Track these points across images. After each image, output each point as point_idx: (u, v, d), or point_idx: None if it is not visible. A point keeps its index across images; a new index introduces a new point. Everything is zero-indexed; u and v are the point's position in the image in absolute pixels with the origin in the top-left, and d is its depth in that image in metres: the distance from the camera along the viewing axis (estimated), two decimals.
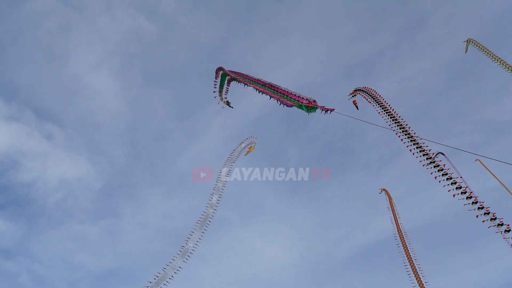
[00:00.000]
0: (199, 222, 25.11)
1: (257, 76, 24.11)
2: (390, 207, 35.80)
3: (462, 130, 72.55)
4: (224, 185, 26.03)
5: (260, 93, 22.39)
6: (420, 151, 22.01)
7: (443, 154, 40.07)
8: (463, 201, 19.68)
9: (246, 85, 23.95)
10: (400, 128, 23.63)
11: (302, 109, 20.21)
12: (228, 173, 26.50)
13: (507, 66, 30.11)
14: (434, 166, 21.29)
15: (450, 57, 76.92)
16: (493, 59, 31.50)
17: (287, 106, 20.48)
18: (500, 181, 32.26)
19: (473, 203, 19.24)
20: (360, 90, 30.01)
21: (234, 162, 26.63)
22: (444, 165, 21.40)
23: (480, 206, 19.00)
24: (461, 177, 33.36)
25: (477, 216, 18.74)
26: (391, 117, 24.76)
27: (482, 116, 73.55)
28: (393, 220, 34.27)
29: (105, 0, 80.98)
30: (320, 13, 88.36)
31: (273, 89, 21.91)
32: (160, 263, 24.12)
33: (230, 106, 27.78)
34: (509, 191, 30.67)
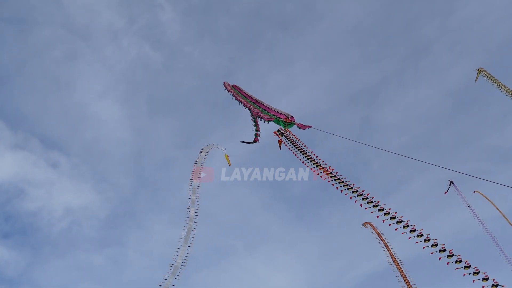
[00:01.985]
0: (182, 237, 26.05)
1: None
2: (378, 238, 34.06)
3: (467, 157, 72.47)
4: (198, 197, 27.26)
5: (244, 107, 23.24)
6: (363, 198, 19.97)
7: (453, 183, 40.00)
8: (430, 248, 17.61)
9: (235, 99, 24.81)
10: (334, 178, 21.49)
11: (280, 124, 21.41)
12: (198, 184, 27.77)
13: None
14: (385, 214, 19.06)
15: (454, 84, 78.72)
16: (502, 89, 31.57)
17: (265, 120, 21.49)
18: (500, 210, 33.98)
19: (440, 250, 17.46)
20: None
21: (197, 188, 27.97)
22: (395, 213, 19.03)
23: (450, 254, 17.21)
24: (468, 206, 34.31)
25: (447, 263, 17.14)
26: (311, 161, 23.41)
27: (487, 143, 73.87)
28: (385, 249, 32.66)
29: (111, 29, 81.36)
30: (324, 42, 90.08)
31: (257, 105, 22.86)
32: None
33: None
34: (508, 220, 32.54)
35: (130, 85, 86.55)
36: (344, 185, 20.89)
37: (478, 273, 16.13)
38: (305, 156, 23.50)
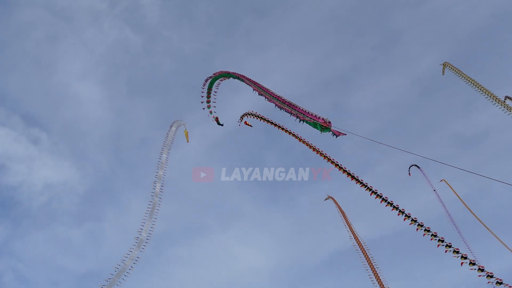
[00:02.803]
0: (147, 212, 26.61)
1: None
2: (340, 213, 35.53)
3: (433, 143, 76.05)
4: (165, 173, 27.62)
5: (280, 109, 22.81)
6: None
7: (417, 166, 41.29)
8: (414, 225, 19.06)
9: (266, 99, 24.11)
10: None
11: (317, 127, 20.86)
12: (167, 159, 28.07)
13: (479, 87, 31.50)
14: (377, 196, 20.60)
15: (422, 73, 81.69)
16: (466, 80, 32.93)
17: (302, 120, 21.19)
18: (461, 199, 36.53)
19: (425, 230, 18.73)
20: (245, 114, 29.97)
21: (170, 148, 28.21)
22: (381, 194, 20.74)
23: (427, 229, 18.82)
24: (434, 190, 35.48)
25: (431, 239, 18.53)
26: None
27: (452, 130, 77.88)
28: (346, 225, 33.79)
29: (92, 11, 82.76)
30: (299, 29, 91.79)
31: (292, 107, 22.23)
32: (139, 265, 25.57)
33: (219, 124, 28.34)
34: (468, 208, 35.17)
35: (110, 67, 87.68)
36: (321, 155, 23.23)
37: (458, 252, 17.84)
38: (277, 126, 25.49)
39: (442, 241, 18.22)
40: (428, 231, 18.07)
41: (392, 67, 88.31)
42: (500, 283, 16.46)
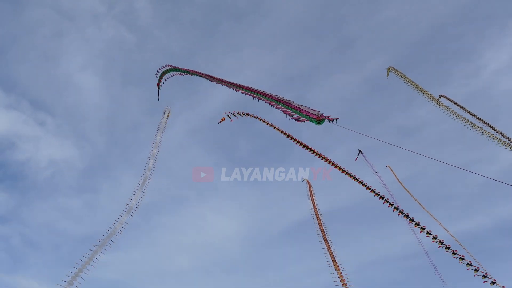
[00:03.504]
0: (139, 183, 30.19)
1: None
2: (309, 194, 39.49)
3: (378, 132, 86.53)
4: (158, 151, 31.43)
5: (278, 109, 23.70)
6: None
7: (361, 152, 47.15)
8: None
9: (259, 100, 25.14)
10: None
11: (313, 122, 21.71)
12: (160, 140, 31.97)
13: (417, 87, 35.29)
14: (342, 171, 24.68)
15: (371, 73, 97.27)
16: (407, 82, 36.87)
17: (300, 121, 21.99)
18: (400, 181, 40.84)
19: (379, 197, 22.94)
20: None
21: (163, 130, 32.15)
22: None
23: (386, 200, 23.06)
24: (376, 173, 40.99)
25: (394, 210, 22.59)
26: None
27: (395, 122, 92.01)
28: (311, 204, 37.39)
29: (93, 12, 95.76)
30: (269, 33, 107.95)
31: (287, 105, 23.20)
32: (128, 229, 28.73)
33: (158, 88, 32.02)
34: (405, 188, 39.56)
35: (107, 61, 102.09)
36: (291, 138, 26.98)
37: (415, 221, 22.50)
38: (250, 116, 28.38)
39: (397, 208, 23.05)
40: (387, 201, 23.10)
41: (345, 68, 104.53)
42: (448, 248, 21.65)
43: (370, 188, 23.97)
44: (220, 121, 30.05)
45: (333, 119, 20.43)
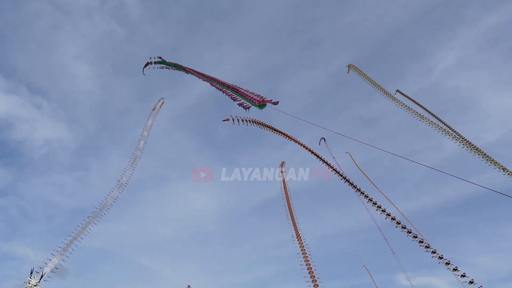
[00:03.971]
0: (130, 161, 32.97)
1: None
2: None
3: (342, 122, 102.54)
4: (148, 134, 34.20)
5: (228, 96, 25.73)
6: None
7: (324, 139, 50.76)
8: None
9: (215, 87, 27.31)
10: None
11: (256, 107, 24.09)
12: (151, 125, 34.75)
13: (374, 84, 38.25)
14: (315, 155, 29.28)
15: (336, 69, 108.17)
16: (365, 79, 39.79)
17: (245, 107, 24.27)
18: (360, 169, 43.40)
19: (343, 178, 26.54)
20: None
21: (155, 116, 34.88)
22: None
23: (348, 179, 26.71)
24: (333, 157, 44.03)
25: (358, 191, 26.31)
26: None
27: (356, 113, 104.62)
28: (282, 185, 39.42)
29: (86, 7, 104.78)
30: (247, 31, 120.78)
31: (235, 91, 25.31)
32: (117, 203, 31.60)
33: (144, 68, 32.67)
34: (366, 175, 42.02)
35: (99, 52, 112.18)
36: (258, 124, 29.40)
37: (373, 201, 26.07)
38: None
39: (359, 190, 26.77)
40: (348, 180, 26.98)
41: (314, 64, 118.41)
42: (399, 223, 25.64)
43: (335, 170, 27.51)
44: (225, 120, 33.40)
45: (275, 102, 23.33)
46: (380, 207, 26.67)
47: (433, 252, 24.49)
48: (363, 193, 26.18)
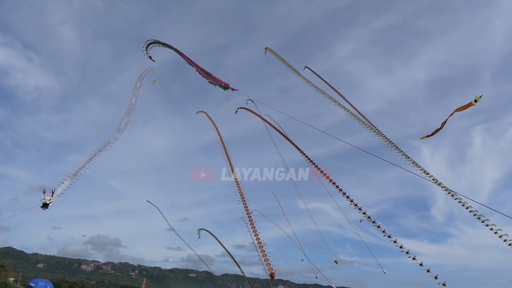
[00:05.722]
0: (126, 113, 45.20)
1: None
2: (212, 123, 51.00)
3: (265, 90, 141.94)
4: (136, 100, 45.76)
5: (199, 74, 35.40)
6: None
7: (252, 101, 59.15)
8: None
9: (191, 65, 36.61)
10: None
11: (221, 87, 33.03)
12: (139, 86, 46.22)
13: (285, 63, 45.17)
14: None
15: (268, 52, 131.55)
16: (280, 59, 46.50)
17: (212, 83, 33.53)
18: (279, 127, 48.97)
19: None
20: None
21: (142, 80, 46.13)
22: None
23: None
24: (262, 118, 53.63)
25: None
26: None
27: (278, 84, 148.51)
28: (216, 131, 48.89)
29: None
30: (201, 14, 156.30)
31: (206, 72, 34.39)
32: (95, 140, 42.74)
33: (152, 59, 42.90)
34: (281, 133, 49.54)
35: (82, 19, 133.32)
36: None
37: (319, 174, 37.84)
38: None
39: (295, 146, 38.56)
40: (286, 138, 38.57)
41: (249, 45, 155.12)
42: (314, 163, 37.08)
43: (264, 119, 38.91)
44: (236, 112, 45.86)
45: (234, 89, 33.26)
46: (300, 150, 37.75)
47: (333, 183, 35.64)
48: (291, 140, 37.37)
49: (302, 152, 36.72)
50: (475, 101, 21.28)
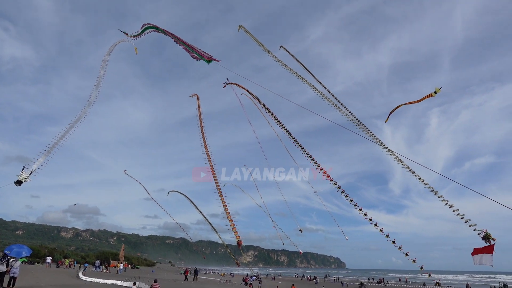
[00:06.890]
0: (95, 85, 44.40)
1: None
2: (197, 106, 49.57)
3: (241, 69, 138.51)
4: (105, 73, 44.81)
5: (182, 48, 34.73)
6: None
7: (228, 79, 60.03)
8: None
9: (175, 41, 36.19)
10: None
11: (204, 60, 32.08)
12: (106, 65, 45.07)
13: (258, 43, 44.11)
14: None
15: (241, 31, 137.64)
16: (252, 38, 45.41)
17: (194, 57, 32.89)
18: (258, 100, 48.81)
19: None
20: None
21: (107, 60, 44.95)
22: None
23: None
24: (235, 92, 54.82)
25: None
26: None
27: (253, 63, 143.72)
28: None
29: None
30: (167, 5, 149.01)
31: (187, 45, 33.95)
32: (74, 112, 43.26)
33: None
34: (259, 108, 49.55)
35: None
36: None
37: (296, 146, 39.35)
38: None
39: (275, 118, 39.84)
40: (275, 118, 40.17)
41: (227, 23, 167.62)
42: (293, 137, 38.68)
43: (252, 93, 40.25)
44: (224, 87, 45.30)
45: (217, 60, 32.72)
46: (280, 123, 39.04)
47: (306, 154, 37.30)
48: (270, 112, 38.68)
49: (284, 127, 38.11)
50: (435, 92, 23.21)
